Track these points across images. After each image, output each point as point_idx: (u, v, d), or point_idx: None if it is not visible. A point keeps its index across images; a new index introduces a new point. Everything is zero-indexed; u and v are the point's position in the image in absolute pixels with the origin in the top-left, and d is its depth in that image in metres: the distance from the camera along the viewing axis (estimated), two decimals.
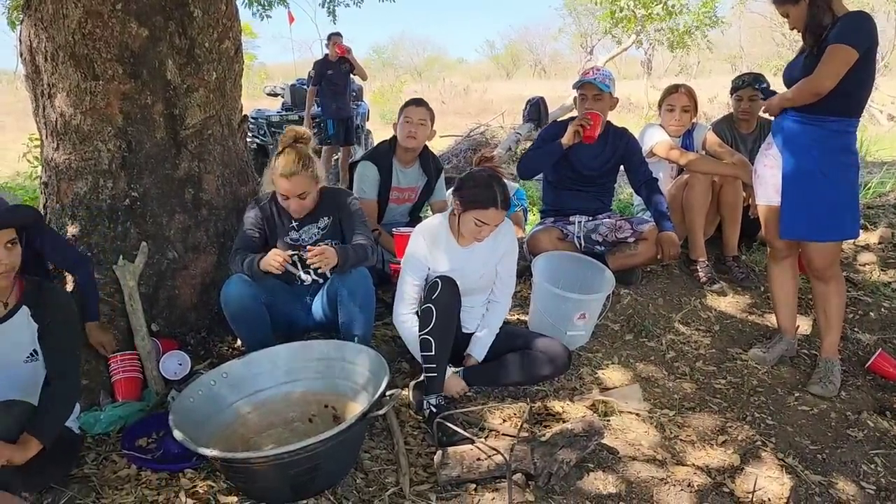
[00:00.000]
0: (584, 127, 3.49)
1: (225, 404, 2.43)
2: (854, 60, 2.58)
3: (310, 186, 2.77)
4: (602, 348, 3.20)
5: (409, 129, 3.54)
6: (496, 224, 2.65)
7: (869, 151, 9.97)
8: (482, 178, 2.66)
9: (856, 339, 3.44)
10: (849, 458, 2.57)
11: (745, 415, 2.80)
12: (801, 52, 2.83)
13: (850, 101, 2.70)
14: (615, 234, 3.63)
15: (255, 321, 2.75)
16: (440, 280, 2.61)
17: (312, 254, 2.57)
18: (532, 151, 3.71)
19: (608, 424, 2.64)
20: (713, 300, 3.69)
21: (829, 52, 2.59)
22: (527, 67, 45.80)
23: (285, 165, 2.70)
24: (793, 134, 2.82)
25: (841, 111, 2.70)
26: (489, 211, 2.60)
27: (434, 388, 2.60)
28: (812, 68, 2.66)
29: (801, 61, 2.77)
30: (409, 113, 3.56)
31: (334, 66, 7.82)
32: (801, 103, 2.72)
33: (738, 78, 4.22)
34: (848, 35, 2.57)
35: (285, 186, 2.72)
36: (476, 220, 2.61)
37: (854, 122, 2.80)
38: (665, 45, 17.14)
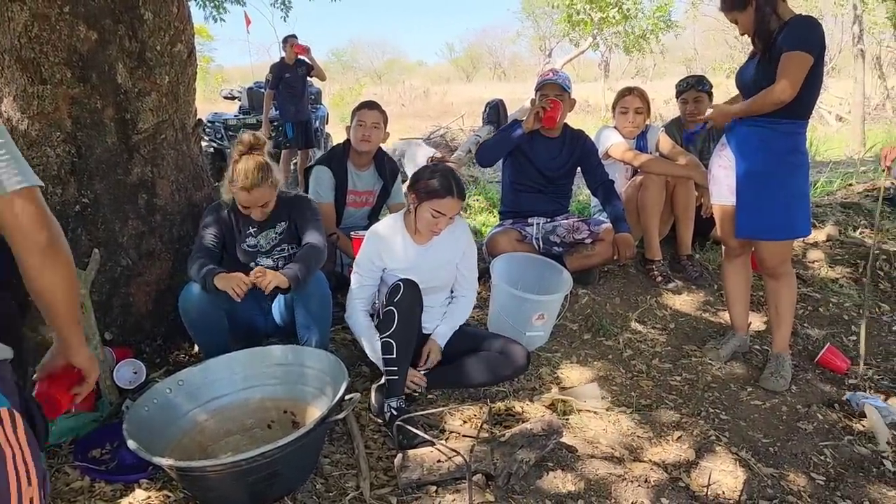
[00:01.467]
0: (545, 109, 3.54)
1: (181, 412, 2.40)
2: (810, 66, 2.65)
3: (270, 195, 2.77)
4: (561, 348, 3.24)
5: (362, 132, 3.54)
6: (452, 214, 2.68)
7: (818, 151, 10.28)
8: (437, 170, 2.70)
9: (805, 334, 3.54)
10: (799, 450, 2.65)
11: (700, 410, 2.85)
12: (752, 56, 2.90)
13: (800, 105, 2.77)
14: (573, 235, 3.67)
15: (214, 328, 2.72)
16: (402, 283, 2.61)
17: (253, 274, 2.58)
18: (492, 138, 3.75)
19: (567, 423, 2.67)
20: (668, 299, 3.76)
21: (787, 61, 2.64)
22: (486, 70, 46.07)
23: (245, 178, 2.67)
24: (745, 136, 2.88)
25: (791, 114, 2.77)
26: (445, 200, 2.62)
27: (395, 390, 2.60)
28: (766, 73, 2.72)
29: (754, 66, 2.83)
30: (362, 116, 3.56)
31: (291, 69, 7.77)
32: (761, 113, 2.77)
33: (681, 81, 4.33)
34: (802, 41, 2.64)
35: (246, 198, 2.71)
36: (433, 211, 2.63)
37: (803, 125, 2.88)
38: (621, 49, 17.41)
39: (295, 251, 2.91)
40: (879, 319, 3.74)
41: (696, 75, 4.41)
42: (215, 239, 2.80)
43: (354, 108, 3.65)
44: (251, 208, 2.75)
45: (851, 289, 3.94)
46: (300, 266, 2.70)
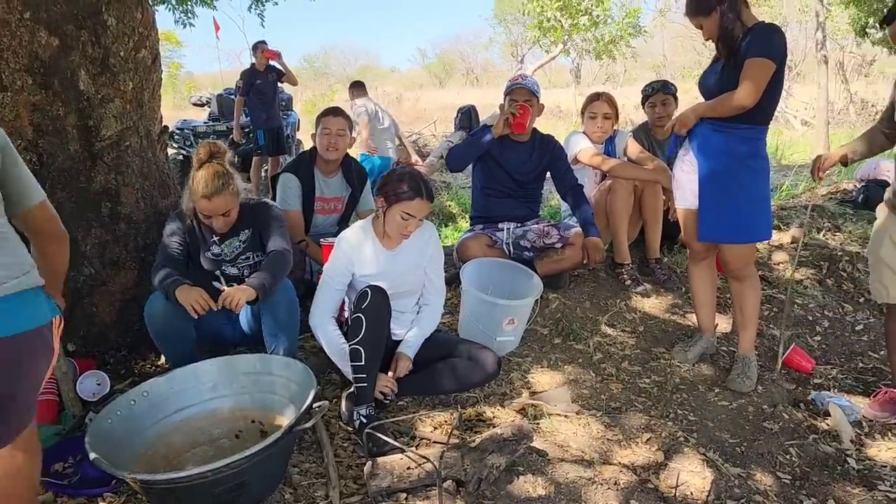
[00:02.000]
0: (514, 115, 3.55)
1: (146, 424, 2.36)
2: (772, 73, 2.69)
3: (232, 203, 2.74)
4: (531, 353, 3.25)
5: (328, 140, 3.52)
6: (422, 216, 2.68)
7: (784, 155, 10.46)
8: (404, 173, 2.70)
9: (771, 335, 3.59)
10: (765, 449, 2.68)
11: (669, 412, 2.88)
12: (716, 60, 2.94)
13: (761, 111, 2.81)
14: (543, 239, 3.69)
15: (180, 338, 2.69)
16: (370, 289, 2.59)
17: (221, 300, 2.55)
18: (462, 143, 3.76)
19: (538, 427, 2.67)
20: (637, 302, 3.80)
21: (751, 67, 2.68)
22: (459, 76, 46.20)
23: (205, 186, 2.64)
24: (707, 141, 2.92)
25: (751, 120, 2.81)
26: (415, 202, 2.62)
27: (364, 398, 2.58)
28: (729, 78, 2.76)
29: (717, 70, 2.87)
30: (327, 124, 3.54)
31: (262, 75, 7.73)
32: (721, 116, 2.81)
33: (647, 86, 4.38)
34: (765, 48, 2.68)
35: (207, 207, 2.68)
36: (402, 214, 2.63)
37: (763, 130, 2.92)
38: (592, 55, 17.58)
39: (260, 259, 2.88)
40: (843, 320, 3.81)
41: (661, 80, 4.47)
42: (180, 247, 2.76)
43: (319, 115, 3.63)
44: (213, 217, 2.71)
45: (816, 290, 4.01)
46: (266, 274, 2.68)
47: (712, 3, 2.77)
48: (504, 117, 3.59)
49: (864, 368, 3.39)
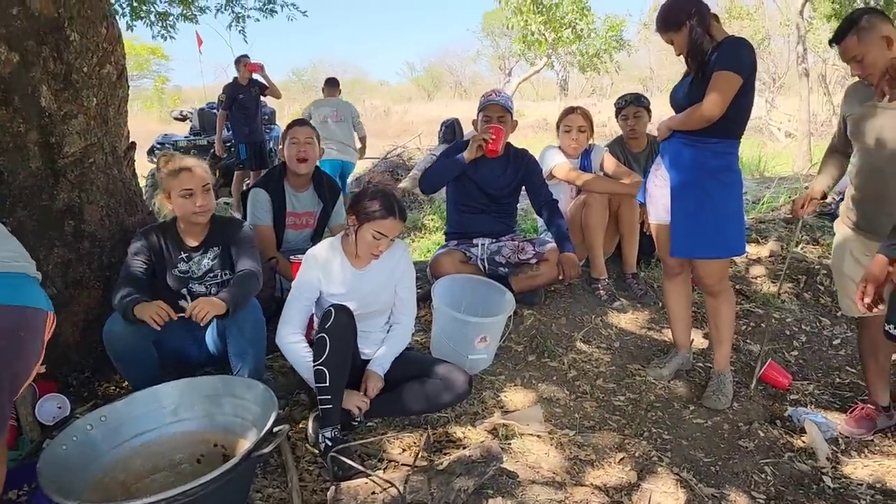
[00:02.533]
0: (487, 141, 3.52)
1: (103, 450, 2.28)
2: (739, 86, 2.68)
3: (209, 180, 2.76)
4: (505, 370, 3.20)
5: (297, 149, 3.47)
6: (394, 236, 2.63)
7: (767, 167, 10.50)
8: (377, 191, 2.66)
9: (748, 350, 3.56)
10: (740, 468, 2.64)
11: (643, 431, 2.84)
12: (686, 75, 2.92)
13: (732, 124, 2.79)
14: (518, 255, 3.65)
15: (141, 360, 2.62)
16: (334, 308, 2.54)
17: (189, 310, 2.49)
18: (434, 166, 3.71)
19: (509, 448, 2.62)
20: (614, 317, 3.76)
21: (717, 79, 2.67)
22: (447, 89, 46.38)
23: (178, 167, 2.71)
24: (678, 155, 2.90)
25: (722, 134, 2.79)
26: (387, 221, 2.59)
27: (330, 420, 2.52)
28: (698, 92, 2.74)
29: (687, 85, 2.86)
30: (294, 134, 3.50)
31: (245, 89, 7.70)
32: (690, 128, 2.80)
33: (619, 99, 4.37)
34: (732, 62, 2.67)
35: (187, 179, 2.69)
36: (374, 233, 2.59)
37: (735, 144, 2.90)
38: (577, 67, 17.66)
39: (228, 278, 2.83)
40: (820, 334, 3.78)
41: (633, 93, 4.47)
42: (143, 265, 2.70)
43: (285, 128, 3.59)
44: (195, 193, 2.69)
45: (793, 304, 3.99)
46: (236, 290, 2.63)
47: (682, 18, 2.76)
48: (476, 143, 3.54)
49: (841, 384, 3.37)
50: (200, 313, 2.47)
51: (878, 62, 2.53)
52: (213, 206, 2.80)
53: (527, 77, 17.01)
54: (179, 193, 2.71)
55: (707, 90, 2.68)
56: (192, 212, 2.72)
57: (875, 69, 2.56)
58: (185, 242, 2.82)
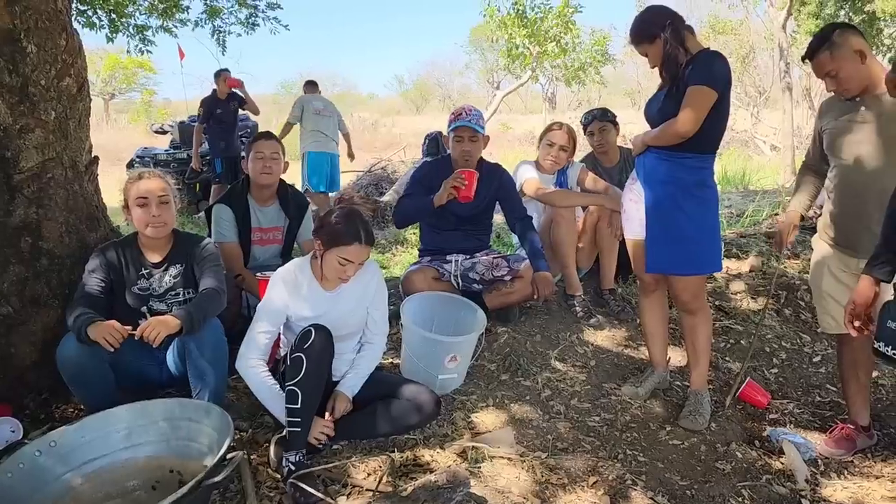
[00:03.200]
0: (459, 189, 3.44)
1: (52, 477, 2.19)
2: (714, 101, 2.63)
3: (167, 190, 2.69)
4: (477, 390, 3.12)
5: (262, 164, 3.39)
6: (361, 261, 2.55)
7: (751, 180, 10.51)
8: (342, 215, 2.57)
9: (726, 367, 3.50)
10: (717, 492, 2.56)
11: (617, 453, 2.76)
12: (660, 88, 2.88)
13: (707, 139, 2.75)
14: (492, 272, 3.58)
15: (96, 382, 2.53)
16: (314, 329, 2.46)
17: (139, 331, 2.39)
18: (406, 201, 3.63)
19: (478, 471, 2.53)
20: (590, 335, 3.69)
21: (692, 95, 2.63)
22: (436, 101, 46.49)
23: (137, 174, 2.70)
24: (652, 170, 2.85)
25: (697, 148, 2.74)
26: (352, 247, 2.50)
27: (296, 443, 2.43)
28: (672, 106, 2.70)
29: (661, 98, 2.81)
30: (259, 148, 3.41)
31: (223, 103, 7.64)
32: (664, 144, 2.75)
33: (586, 114, 4.35)
34: (706, 76, 2.62)
35: (142, 188, 2.64)
36: (340, 259, 2.51)
37: (710, 158, 2.85)
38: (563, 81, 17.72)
39: (191, 297, 2.74)
40: (801, 351, 3.73)
41: (599, 108, 4.46)
42: (101, 283, 2.61)
43: (250, 142, 3.51)
44: (149, 202, 2.63)
45: (773, 320, 3.93)
46: (194, 308, 2.54)
47: (655, 30, 2.72)
48: (447, 190, 3.45)
49: (821, 402, 3.31)
50: (152, 334, 2.37)
51: (853, 77, 2.49)
52: (171, 220, 2.72)
53: (510, 91, 17.03)
54: (135, 202, 2.64)
55: (682, 106, 2.64)
56: (146, 223, 2.64)
57: (850, 84, 2.52)
58: (146, 258, 2.73)
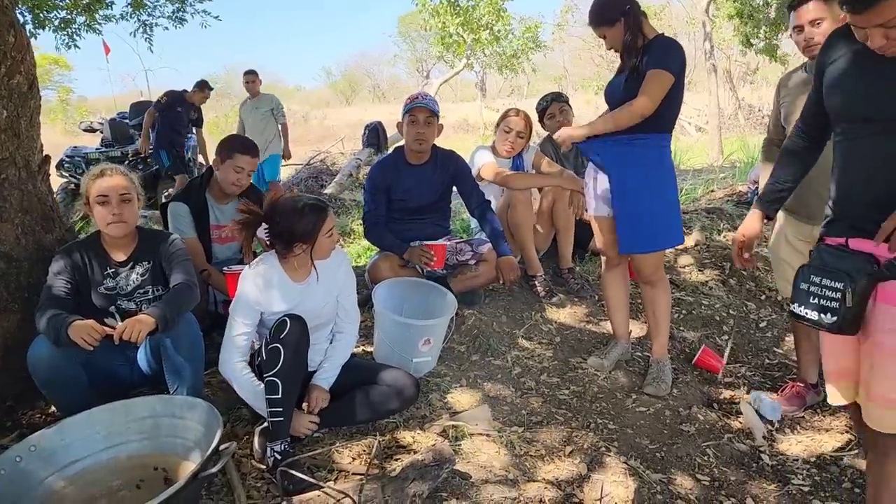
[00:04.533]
0: (429, 264, 3.49)
1: (35, 481, 2.15)
2: (671, 83, 2.76)
3: (131, 190, 2.64)
4: (450, 371, 3.18)
5: (238, 177, 3.31)
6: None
7: (682, 161, 10.89)
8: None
9: (682, 337, 3.67)
10: (684, 452, 2.71)
11: (589, 422, 2.87)
12: (620, 71, 2.98)
13: (665, 119, 2.88)
14: (456, 257, 3.64)
15: (69, 384, 2.47)
16: (288, 318, 2.46)
17: (118, 333, 2.34)
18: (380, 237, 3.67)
19: (460, 449, 2.60)
20: (553, 313, 3.80)
21: (651, 78, 2.75)
22: (366, 92, 46.14)
23: (98, 169, 2.62)
24: (619, 155, 2.94)
25: (654, 128, 2.86)
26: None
27: (280, 433, 2.44)
28: (634, 87, 2.81)
29: (622, 81, 2.90)
30: (239, 161, 3.29)
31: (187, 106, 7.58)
32: (620, 127, 2.84)
33: (542, 100, 4.45)
34: (665, 60, 2.75)
35: (102, 186, 2.58)
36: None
37: (667, 137, 2.99)
38: (495, 69, 17.87)
39: (161, 293, 2.71)
40: (747, 318, 3.94)
41: (552, 92, 4.56)
42: (66, 285, 2.55)
43: (229, 148, 3.32)
44: (110, 200, 2.58)
45: (720, 290, 4.13)
46: (167, 305, 2.50)
47: (616, 14, 2.82)
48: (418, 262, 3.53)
49: (770, 364, 3.51)
50: (132, 334, 2.34)
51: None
52: (134, 219, 2.67)
53: (448, 79, 17.13)
54: (95, 199, 2.59)
55: (641, 89, 2.75)
56: (107, 221, 2.59)
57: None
58: (110, 257, 2.68)
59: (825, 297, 1.85)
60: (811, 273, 1.91)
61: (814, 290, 1.89)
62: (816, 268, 1.90)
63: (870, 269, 1.78)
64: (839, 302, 1.82)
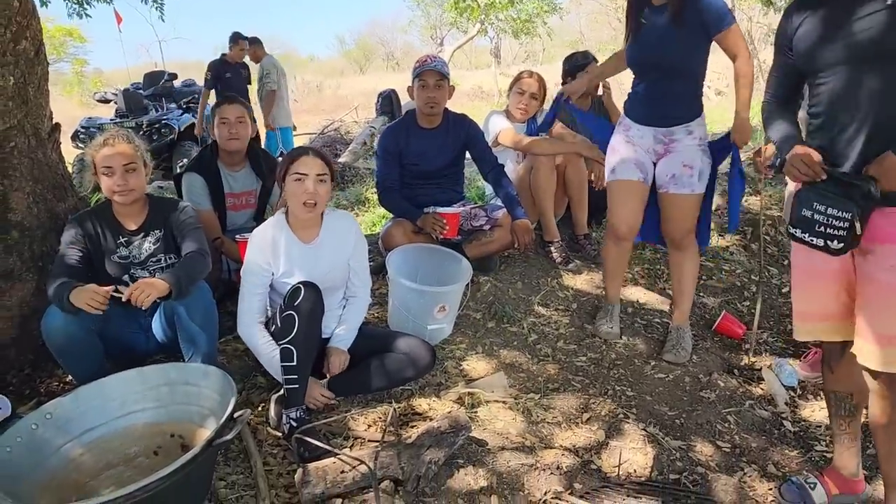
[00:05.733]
0: (442, 232, 3.42)
1: (51, 449, 2.15)
2: None
3: (136, 159, 2.59)
4: (465, 339, 3.15)
5: (228, 129, 3.30)
6: (316, 173, 2.51)
7: None
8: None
9: (702, 303, 3.61)
10: (704, 419, 2.67)
11: (607, 389, 2.84)
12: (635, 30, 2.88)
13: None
14: (470, 222, 3.59)
15: (85, 353, 2.47)
16: (303, 285, 2.44)
17: (127, 293, 2.33)
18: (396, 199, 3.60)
19: (476, 416, 2.59)
20: (569, 279, 3.75)
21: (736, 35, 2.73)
22: (379, 61, 45.68)
23: (103, 139, 2.58)
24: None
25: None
26: (301, 159, 2.52)
27: (295, 400, 2.44)
28: (686, 37, 2.75)
29: (668, 34, 2.77)
30: (223, 113, 3.31)
31: (233, 68, 7.47)
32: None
33: (574, 57, 4.25)
34: (729, 13, 2.73)
35: (107, 155, 2.54)
36: (296, 175, 2.50)
37: None
38: (510, 33, 17.59)
39: (174, 262, 2.69)
40: (769, 283, 3.86)
41: (581, 51, 4.37)
42: (79, 254, 2.53)
43: (213, 107, 3.42)
44: (114, 170, 2.54)
45: (742, 255, 4.05)
46: (181, 271, 2.49)
47: None
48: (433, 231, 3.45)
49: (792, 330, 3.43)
50: (140, 297, 2.32)
51: None
52: (141, 187, 2.63)
53: (461, 45, 16.90)
54: (100, 170, 2.56)
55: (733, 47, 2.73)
56: (112, 191, 2.56)
57: None
58: (122, 226, 2.66)
59: (831, 225, 1.91)
60: (815, 200, 1.94)
61: (818, 217, 1.93)
62: (820, 194, 1.93)
63: (874, 192, 1.83)
64: (846, 230, 1.87)
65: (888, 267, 1.87)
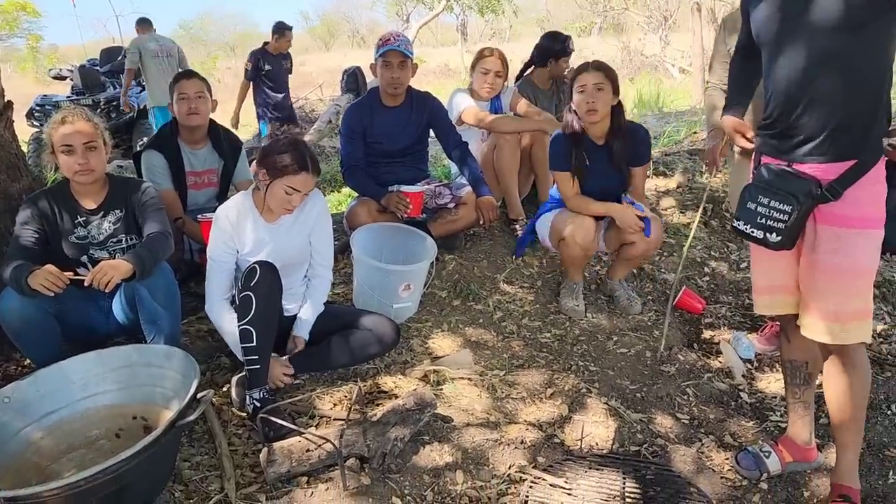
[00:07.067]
0: (405, 211, 3.39)
1: (10, 433, 2.12)
2: None
3: (96, 137, 2.53)
4: (431, 317, 3.17)
5: (187, 105, 3.23)
6: (307, 191, 2.50)
7: (665, 103, 10.79)
8: (289, 144, 2.49)
9: (663, 279, 3.67)
10: (664, 392, 2.73)
11: (571, 364, 2.88)
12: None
13: None
14: (435, 200, 3.59)
15: (42, 336, 2.42)
16: (258, 265, 2.42)
17: (90, 277, 2.28)
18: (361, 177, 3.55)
19: (441, 393, 2.61)
20: (533, 257, 3.78)
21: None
22: (344, 38, 45.10)
23: (61, 117, 2.50)
24: None
25: None
26: (300, 176, 2.45)
27: (258, 380, 2.43)
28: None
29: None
30: (182, 88, 3.24)
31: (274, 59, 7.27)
32: None
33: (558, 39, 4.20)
34: None
35: (65, 133, 2.47)
36: (287, 189, 2.45)
37: None
38: (476, 10, 17.49)
39: (134, 243, 2.64)
40: (728, 258, 3.94)
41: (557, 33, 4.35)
42: (34, 234, 2.48)
43: (171, 83, 3.32)
44: (74, 148, 2.47)
45: (702, 232, 4.12)
46: (143, 251, 2.44)
47: None
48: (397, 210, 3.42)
49: (750, 304, 3.51)
50: (104, 279, 2.28)
51: None
52: (101, 166, 2.57)
53: (427, 21, 16.74)
54: (59, 148, 2.49)
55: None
56: (73, 171, 2.50)
57: None
58: (80, 205, 2.60)
59: (772, 217, 1.98)
60: (758, 193, 2.02)
61: (761, 210, 2.01)
62: (763, 188, 2.01)
63: (815, 191, 1.90)
64: (784, 223, 1.95)
65: (830, 249, 1.94)
